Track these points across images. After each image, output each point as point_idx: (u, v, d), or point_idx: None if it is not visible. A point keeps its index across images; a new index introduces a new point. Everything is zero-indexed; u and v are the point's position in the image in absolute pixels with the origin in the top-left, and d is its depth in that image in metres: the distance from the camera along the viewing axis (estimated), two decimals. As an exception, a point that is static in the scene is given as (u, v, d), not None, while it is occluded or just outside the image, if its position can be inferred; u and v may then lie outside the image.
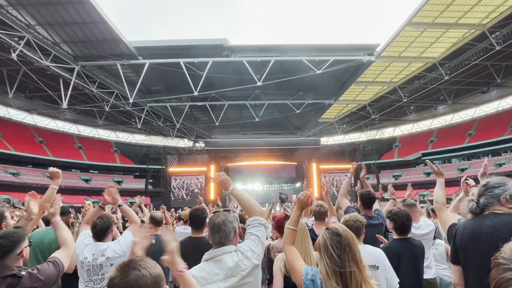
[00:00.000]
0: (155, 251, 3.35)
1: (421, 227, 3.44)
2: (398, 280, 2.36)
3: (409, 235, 3.18)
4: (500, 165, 30.60)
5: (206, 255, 1.80)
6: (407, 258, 2.72)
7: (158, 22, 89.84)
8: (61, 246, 2.09)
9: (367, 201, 3.53)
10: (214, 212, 1.95)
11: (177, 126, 27.02)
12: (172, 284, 3.25)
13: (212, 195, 27.15)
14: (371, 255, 2.43)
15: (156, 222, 3.53)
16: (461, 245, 1.91)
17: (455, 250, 1.97)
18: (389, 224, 3.00)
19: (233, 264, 1.71)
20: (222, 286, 1.64)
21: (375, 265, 2.38)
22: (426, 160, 2.73)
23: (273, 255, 2.83)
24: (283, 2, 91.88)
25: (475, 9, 15.91)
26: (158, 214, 3.64)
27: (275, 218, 3.10)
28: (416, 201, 3.87)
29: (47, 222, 3.96)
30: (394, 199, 3.99)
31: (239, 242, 1.90)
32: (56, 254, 1.97)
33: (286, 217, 2.98)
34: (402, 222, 2.85)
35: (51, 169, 2.67)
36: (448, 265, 3.61)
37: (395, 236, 2.92)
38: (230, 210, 1.99)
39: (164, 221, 3.90)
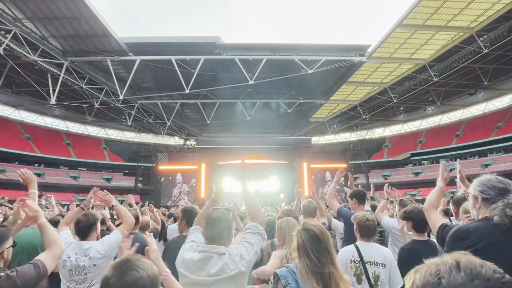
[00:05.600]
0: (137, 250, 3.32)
1: None
2: (403, 282, 2.32)
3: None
4: (486, 166, 31.27)
5: (199, 247, 1.83)
6: None
7: (150, 18, 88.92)
8: (46, 248, 2.04)
9: (357, 195, 3.67)
10: (214, 208, 1.97)
11: (168, 124, 26.79)
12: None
13: (203, 194, 27.06)
14: (380, 253, 2.48)
15: None
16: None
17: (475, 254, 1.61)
18: (401, 224, 2.94)
19: (216, 270, 1.73)
20: (203, 281, 1.72)
21: (382, 263, 2.42)
22: (441, 162, 2.63)
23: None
24: (276, 1, 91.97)
25: (464, 12, 16.15)
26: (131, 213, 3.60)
27: (279, 218, 3.26)
28: (412, 201, 3.87)
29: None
30: (388, 199, 4.03)
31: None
32: (41, 256, 1.92)
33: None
34: (421, 219, 2.62)
35: (22, 174, 2.42)
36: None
37: (414, 237, 2.79)
38: (230, 210, 1.99)
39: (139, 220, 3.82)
